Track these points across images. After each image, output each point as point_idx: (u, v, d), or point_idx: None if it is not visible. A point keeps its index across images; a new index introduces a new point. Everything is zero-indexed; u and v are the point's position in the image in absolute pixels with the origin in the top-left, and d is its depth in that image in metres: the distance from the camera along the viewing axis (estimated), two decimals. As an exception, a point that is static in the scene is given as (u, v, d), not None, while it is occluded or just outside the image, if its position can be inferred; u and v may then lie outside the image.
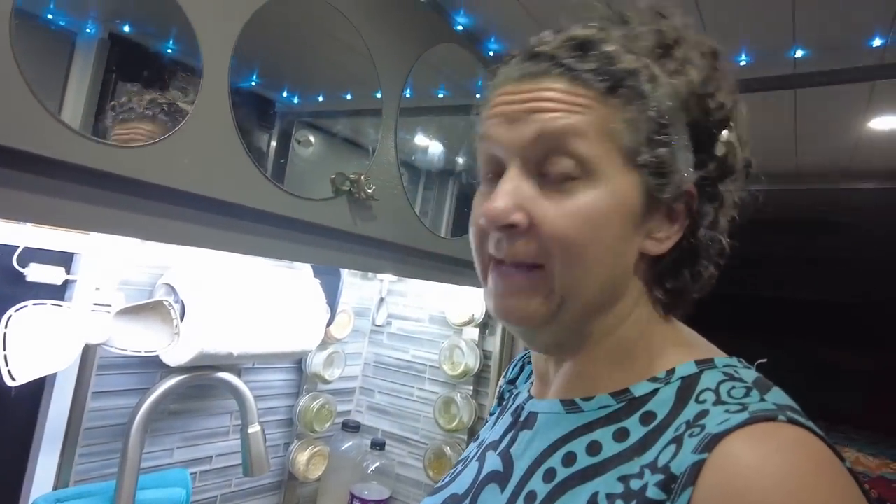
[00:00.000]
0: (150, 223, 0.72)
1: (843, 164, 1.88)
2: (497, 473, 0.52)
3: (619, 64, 0.45)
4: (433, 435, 1.51)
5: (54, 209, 0.63)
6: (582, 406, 0.49)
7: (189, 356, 1.05)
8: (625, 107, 0.45)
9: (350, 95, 1.11)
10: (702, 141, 0.49)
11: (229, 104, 0.76)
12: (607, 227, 0.46)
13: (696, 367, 0.47)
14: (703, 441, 0.38)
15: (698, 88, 0.48)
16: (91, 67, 0.71)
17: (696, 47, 0.50)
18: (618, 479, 0.43)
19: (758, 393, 0.42)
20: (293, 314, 1.21)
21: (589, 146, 0.45)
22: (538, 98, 0.46)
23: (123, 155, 0.66)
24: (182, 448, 1.27)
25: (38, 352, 0.83)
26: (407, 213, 1.11)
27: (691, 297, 0.52)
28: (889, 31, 1.07)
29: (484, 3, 1.18)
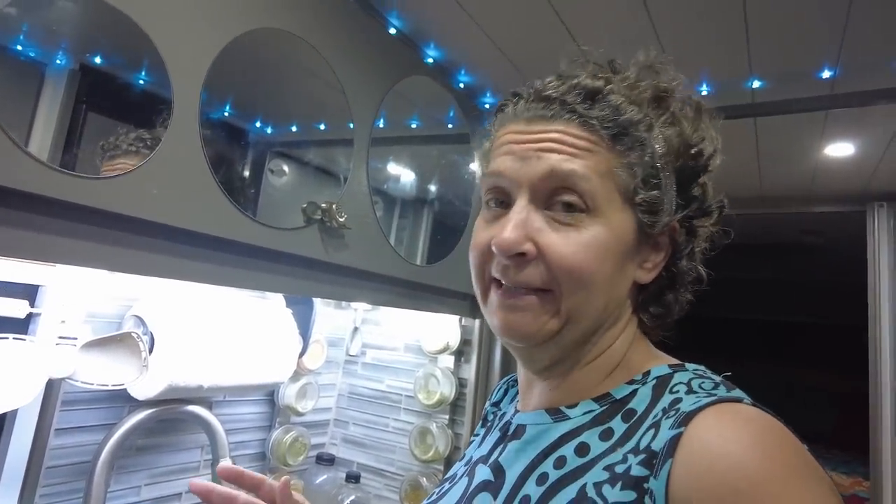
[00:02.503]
0: (118, 254, 0.71)
1: (805, 188, 1.95)
2: (488, 483, 0.54)
3: (625, 114, 0.51)
4: (409, 466, 1.49)
5: (20, 241, 0.62)
6: (568, 413, 0.53)
7: (158, 389, 1.02)
8: (626, 152, 0.51)
9: (323, 126, 1.12)
10: (683, 184, 0.54)
11: (199, 135, 0.76)
12: (608, 258, 0.50)
13: (669, 369, 0.52)
14: (678, 419, 0.43)
15: (687, 138, 0.54)
16: (61, 98, 0.72)
17: (685, 101, 0.56)
18: (604, 469, 0.46)
19: (724, 388, 0.48)
20: (265, 345, 1.20)
21: (593, 186, 0.50)
22: (550, 139, 0.51)
23: (91, 186, 0.66)
24: (150, 485, 1.23)
25: (1, 386, 0.80)
26: (380, 242, 1.11)
27: (672, 320, 0.58)
28: (836, 64, 1.12)
29: (454, 37, 1.21)
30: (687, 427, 0.42)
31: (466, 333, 1.50)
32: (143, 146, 0.73)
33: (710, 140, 0.56)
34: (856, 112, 1.30)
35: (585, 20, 1.08)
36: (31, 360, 0.84)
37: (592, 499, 0.45)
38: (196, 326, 1.08)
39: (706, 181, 0.57)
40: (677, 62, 1.22)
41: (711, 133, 0.56)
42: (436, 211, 1.39)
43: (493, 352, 1.49)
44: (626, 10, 1.04)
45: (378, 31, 1.12)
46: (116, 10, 0.68)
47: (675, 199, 0.54)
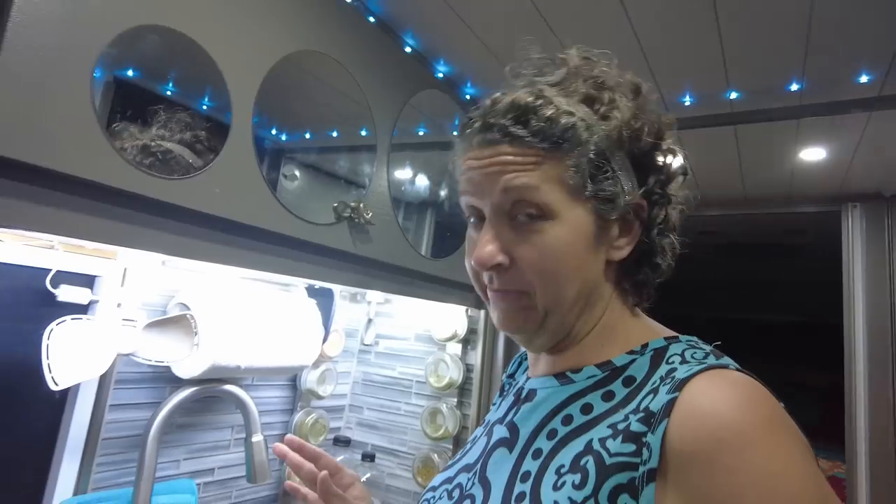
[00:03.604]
0: (183, 243, 0.84)
1: (784, 190, 2.09)
2: (505, 439, 0.61)
3: (558, 124, 0.55)
4: (420, 445, 1.62)
5: (104, 229, 0.75)
6: (573, 377, 0.59)
7: (202, 368, 1.15)
8: (568, 156, 0.55)
9: (336, 133, 1.25)
10: (641, 162, 0.59)
11: (252, 144, 0.90)
12: (571, 254, 0.56)
13: (664, 341, 0.58)
14: (674, 385, 0.49)
15: (627, 124, 0.57)
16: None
17: (620, 87, 0.59)
18: (607, 427, 0.52)
19: (713, 356, 0.54)
20: (293, 332, 1.33)
21: (544, 194, 0.55)
22: (496, 163, 0.56)
23: (166, 184, 0.79)
24: (188, 460, 1.35)
25: (76, 360, 0.93)
26: (398, 237, 1.25)
27: (653, 286, 0.63)
28: (802, 78, 1.27)
29: (461, 54, 1.35)
30: (681, 392, 0.48)
31: (472, 323, 1.63)
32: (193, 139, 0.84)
33: (653, 116, 0.59)
34: (825, 120, 1.44)
35: (581, 44, 1.21)
36: (102, 338, 0.97)
37: (598, 450, 0.51)
38: (234, 313, 1.20)
39: (667, 149, 0.61)
40: (663, 75, 1.36)
41: (654, 109, 0.60)
42: (444, 211, 1.52)
43: (496, 340, 1.62)
44: (625, 47, 1.18)
45: (395, 49, 1.26)
46: (188, 39, 0.81)
47: (634, 179, 0.58)
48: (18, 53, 0.63)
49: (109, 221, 0.75)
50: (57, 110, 0.66)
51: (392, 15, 1.20)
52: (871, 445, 1.88)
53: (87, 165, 0.69)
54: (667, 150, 0.62)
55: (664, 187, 0.61)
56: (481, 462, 0.62)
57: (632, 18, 1.13)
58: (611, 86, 0.59)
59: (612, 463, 0.49)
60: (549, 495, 0.51)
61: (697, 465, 0.45)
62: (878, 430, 1.88)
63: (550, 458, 0.55)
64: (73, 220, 0.71)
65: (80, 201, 0.71)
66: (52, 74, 0.66)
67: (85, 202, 0.72)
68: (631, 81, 0.60)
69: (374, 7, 1.17)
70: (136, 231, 0.78)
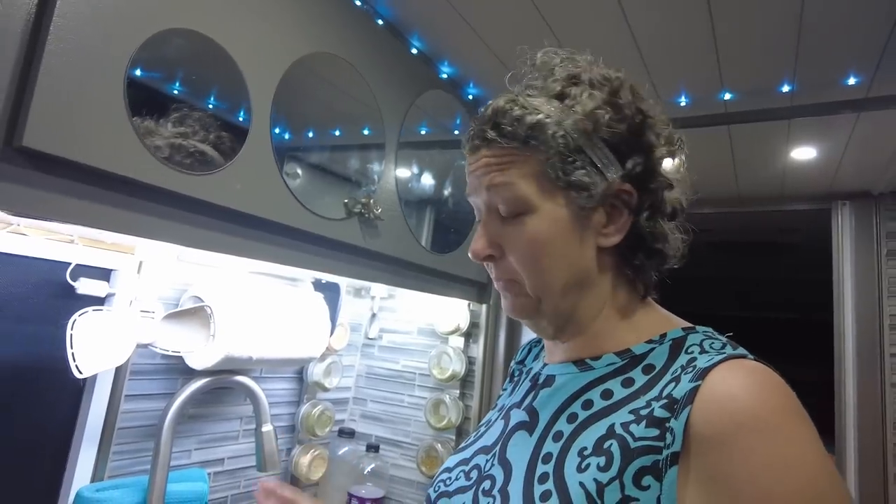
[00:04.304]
0: (204, 235, 0.88)
1: (777, 189, 2.15)
2: (524, 423, 0.63)
3: (524, 123, 0.59)
4: (423, 436, 1.66)
5: (140, 222, 0.79)
6: (592, 364, 0.62)
7: (216, 359, 1.19)
8: (541, 150, 0.59)
9: (347, 131, 1.29)
10: (620, 149, 0.60)
11: (271, 142, 0.94)
12: (551, 243, 0.59)
13: (682, 331, 0.60)
14: (696, 374, 0.51)
15: (592, 114, 0.59)
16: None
17: (595, 81, 0.62)
18: (629, 412, 0.54)
19: (730, 347, 0.56)
20: (301, 324, 1.37)
21: (521, 189, 0.59)
22: (480, 165, 0.62)
23: (192, 180, 0.83)
24: (199, 450, 1.39)
25: (98, 350, 0.97)
26: (405, 232, 1.29)
27: (653, 272, 0.64)
28: (793, 81, 1.32)
29: (465, 55, 1.39)
30: (704, 380, 0.50)
31: (474, 317, 1.67)
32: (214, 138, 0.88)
33: (628, 104, 0.61)
34: (815, 121, 1.49)
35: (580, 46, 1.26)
36: (124, 329, 1.01)
37: (621, 434, 0.53)
38: (246, 306, 1.24)
39: (651, 136, 0.62)
40: (660, 78, 1.41)
41: (629, 97, 0.61)
42: (447, 207, 1.56)
43: (498, 333, 1.67)
44: (623, 49, 1.22)
45: (403, 51, 1.30)
46: (212, 41, 0.85)
47: (616, 166, 0.60)
48: (59, 57, 0.66)
49: (138, 215, 0.79)
50: (93, 110, 0.70)
51: (400, 17, 1.25)
52: (859, 438, 1.94)
53: (121, 162, 0.73)
54: (654, 134, 0.63)
55: (649, 171, 0.62)
56: (500, 444, 0.64)
57: (630, 22, 1.17)
58: (584, 80, 0.62)
59: (637, 446, 0.51)
60: (574, 476, 0.54)
61: (717, 447, 0.48)
62: (866, 423, 1.94)
63: (572, 440, 0.57)
64: (104, 212, 0.75)
65: (112, 195, 0.75)
66: (90, 76, 0.70)
67: (117, 196, 0.76)
68: (607, 74, 0.63)
69: (383, 10, 1.22)
70: (164, 224, 0.82)
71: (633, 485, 0.50)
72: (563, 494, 0.53)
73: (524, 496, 0.56)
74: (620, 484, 0.51)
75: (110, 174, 0.72)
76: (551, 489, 0.54)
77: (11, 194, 0.65)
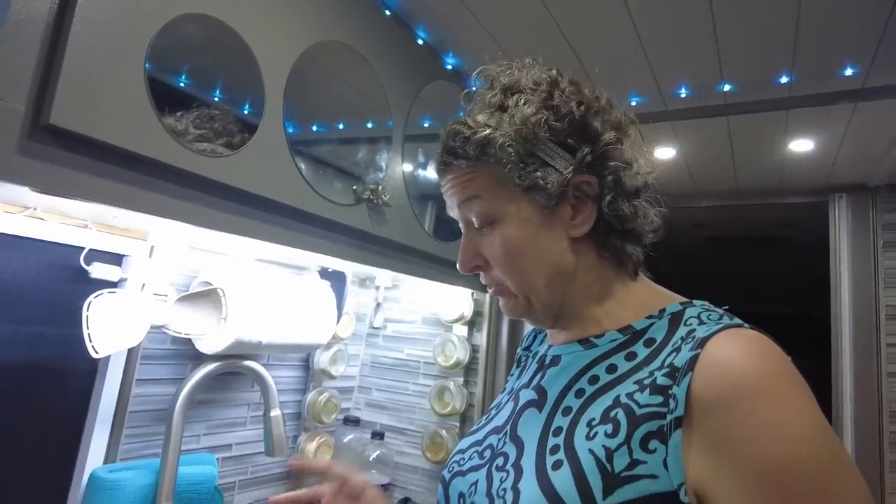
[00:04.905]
0: (218, 216, 0.90)
1: (775, 181, 2.17)
2: (533, 401, 0.66)
3: (471, 141, 0.63)
4: (428, 423, 1.68)
5: (158, 202, 0.81)
6: (595, 342, 0.64)
7: (226, 343, 1.21)
8: (493, 161, 0.62)
9: (355, 119, 1.31)
10: (567, 143, 0.63)
11: (283, 127, 0.96)
12: (524, 245, 0.63)
13: (679, 306, 0.63)
14: (696, 343, 0.54)
15: (535, 119, 0.62)
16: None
17: (525, 88, 0.64)
18: (633, 383, 0.57)
19: (727, 317, 0.59)
20: (309, 311, 1.39)
21: (486, 201, 0.64)
22: (449, 187, 0.67)
23: (211, 162, 0.85)
24: (207, 435, 1.41)
25: (114, 331, 0.99)
26: (411, 219, 1.31)
27: (630, 250, 0.66)
28: (791, 72, 1.34)
29: (470, 46, 1.41)
30: (703, 348, 0.53)
31: (478, 306, 1.70)
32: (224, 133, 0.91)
33: (567, 101, 0.63)
34: (812, 112, 1.52)
35: (584, 38, 1.29)
36: (138, 311, 1.03)
37: (627, 403, 0.55)
38: (255, 291, 1.26)
39: (595, 122, 0.64)
40: (661, 69, 1.43)
41: (568, 93, 0.64)
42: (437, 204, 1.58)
43: (501, 322, 1.69)
44: (626, 41, 1.25)
45: (409, 41, 1.32)
46: (226, 26, 0.87)
47: (566, 160, 0.62)
48: (83, 39, 0.69)
49: (157, 194, 0.81)
50: (115, 91, 0.72)
51: (406, 8, 1.27)
52: (856, 428, 1.97)
53: (141, 141, 0.75)
54: (599, 121, 0.65)
55: (600, 157, 0.64)
56: (511, 423, 0.67)
57: (632, 13, 1.20)
58: (520, 88, 0.65)
59: (642, 413, 0.54)
60: (583, 444, 0.56)
61: (718, 411, 0.50)
62: (863, 412, 1.97)
63: (580, 413, 0.59)
64: (124, 191, 0.77)
65: (132, 175, 0.77)
66: (112, 58, 0.72)
67: (137, 176, 0.78)
68: (538, 77, 0.66)
69: (391, 0, 1.24)
70: (180, 204, 0.84)
71: (641, 449, 0.53)
72: (574, 462, 0.55)
73: (537, 468, 0.58)
74: (628, 448, 0.53)
75: (131, 153, 0.75)
76: (562, 458, 0.57)
77: (38, 171, 0.67)
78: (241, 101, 0.93)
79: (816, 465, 0.48)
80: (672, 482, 0.51)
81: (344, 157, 1.17)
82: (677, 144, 1.88)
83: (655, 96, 1.55)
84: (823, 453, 0.49)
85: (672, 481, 0.51)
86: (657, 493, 0.51)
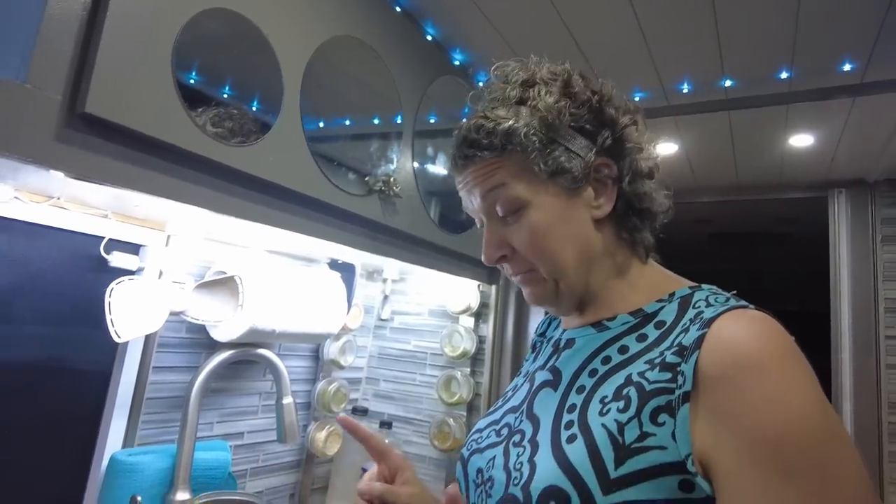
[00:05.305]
0: (238, 204, 0.93)
1: (775, 176, 2.21)
2: (548, 381, 0.68)
3: (497, 133, 0.65)
4: (435, 412, 1.71)
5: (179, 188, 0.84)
6: (608, 325, 0.67)
7: (241, 331, 1.24)
8: (518, 151, 0.65)
9: (359, 112, 1.35)
10: (586, 129, 0.67)
11: (300, 119, 0.99)
12: (553, 229, 0.65)
13: (689, 289, 0.66)
14: (703, 323, 0.57)
15: (558, 106, 0.65)
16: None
17: (543, 80, 0.68)
18: (644, 363, 0.60)
19: (734, 300, 0.62)
20: (320, 301, 1.42)
21: (512, 189, 0.65)
22: (471, 179, 0.68)
23: (233, 151, 0.88)
24: (220, 423, 1.44)
25: (135, 316, 1.02)
26: (421, 211, 1.35)
27: (648, 231, 0.70)
28: (791, 67, 1.38)
29: (477, 42, 1.45)
30: (710, 328, 0.55)
31: (484, 297, 1.73)
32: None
33: (583, 91, 0.67)
34: (812, 107, 1.55)
35: (589, 34, 1.32)
36: (158, 297, 1.06)
37: (638, 381, 0.58)
38: (268, 281, 1.30)
39: (610, 110, 0.68)
40: (664, 65, 1.46)
41: (583, 85, 0.68)
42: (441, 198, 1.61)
43: (507, 314, 1.73)
44: (630, 38, 1.28)
45: (418, 37, 1.36)
46: (246, 20, 0.90)
47: (587, 144, 0.66)
48: (116, 34, 0.72)
49: (182, 182, 0.84)
50: (145, 82, 0.76)
51: (415, 4, 1.30)
52: (856, 419, 2.00)
53: (168, 130, 0.79)
54: (613, 108, 0.69)
55: (618, 141, 0.68)
56: (527, 402, 0.69)
57: (637, 11, 1.23)
58: (537, 81, 0.68)
59: (652, 389, 0.57)
60: (596, 420, 0.59)
61: (722, 385, 0.53)
62: (862, 404, 2.00)
63: (593, 391, 0.62)
64: (151, 177, 0.80)
65: (159, 162, 0.81)
66: (142, 50, 0.75)
67: (163, 163, 0.81)
68: (554, 70, 0.69)
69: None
70: (202, 191, 0.87)
71: (650, 422, 0.56)
72: (587, 436, 0.58)
73: (552, 442, 0.61)
74: (639, 422, 0.56)
75: (159, 141, 0.78)
76: (577, 433, 0.60)
77: (73, 157, 0.70)
78: (259, 95, 0.97)
79: (813, 439, 0.50)
80: (680, 453, 0.54)
81: (356, 150, 1.21)
82: (679, 140, 1.92)
83: (658, 92, 1.58)
84: (821, 429, 0.51)
85: (680, 452, 0.54)
86: (666, 463, 0.54)
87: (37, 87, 0.66)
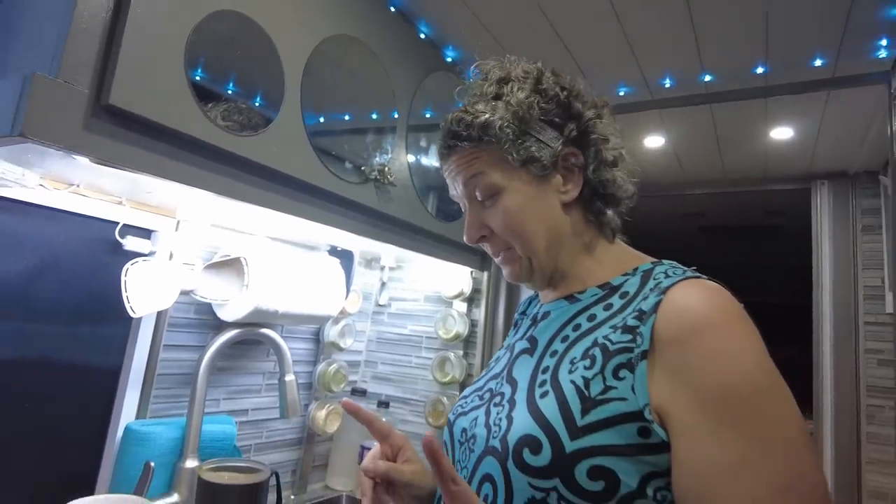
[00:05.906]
0: (242, 189, 1.02)
1: (760, 169, 2.28)
2: (526, 349, 0.76)
3: (474, 125, 0.72)
4: (429, 392, 1.80)
5: (191, 174, 0.92)
6: (579, 297, 0.75)
7: (246, 311, 1.32)
8: (492, 143, 0.72)
9: (356, 106, 1.43)
10: (554, 122, 0.74)
11: (301, 112, 1.07)
12: (525, 210, 0.72)
13: (650, 264, 0.73)
14: (659, 290, 0.64)
15: (528, 101, 0.72)
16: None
17: (517, 78, 0.75)
18: (609, 327, 0.67)
19: (690, 272, 0.68)
20: (321, 284, 1.51)
21: (489, 176, 0.72)
22: (453, 169, 0.76)
23: (237, 140, 0.97)
24: (226, 399, 1.53)
25: (149, 294, 1.11)
26: (414, 199, 1.43)
27: (613, 213, 0.77)
28: (766, 62, 1.45)
29: (468, 40, 1.53)
30: (665, 294, 0.63)
31: (476, 283, 1.82)
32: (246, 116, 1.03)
33: (552, 87, 0.74)
34: (789, 100, 1.63)
35: (574, 32, 1.40)
36: (170, 277, 1.14)
37: (603, 343, 0.65)
38: (272, 264, 1.38)
39: (577, 104, 0.74)
40: (647, 61, 1.54)
41: (553, 82, 0.74)
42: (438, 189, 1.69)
43: (498, 298, 1.81)
44: (612, 36, 1.36)
45: (412, 35, 1.44)
46: (251, 20, 0.99)
47: (556, 135, 0.73)
48: (136, 34, 0.80)
49: (195, 168, 0.93)
50: (161, 77, 0.84)
51: (409, 3, 1.38)
52: (836, 402, 2.08)
53: (182, 121, 0.87)
54: (580, 103, 0.75)
55: (584, 132, 0.75)
56: (507, 369, 0.77)
57: (616, 9, 1.31)
58: (511, 78, 0.75)
59: (614, 349, 0.64)
60: (566, 377, 0.66)
61: (674, 346, 0.60)
62: (842, 387, 2.08)
63: (564, 354, 0.69)
64: (166, 164, 0.88)
65: (174, 150, 0.89)
66: (160, 47, 0.84)
67: (179, 152, 0.90)
68: (527, 68, 0.76)
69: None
70: (212, 177, 0.96)
71: (613, 377, 0.64)
72: (558, 391, 0.66)
73: (527, 400, 0.69)
74: (602, 377, 0.64)
75: (174, 131, 0.86)
76: (549, 389, 0.67)
77: (99, 144, 0.78)
78: (263, 90, 1.05)
79: (754, 390, 0.57)
80: (638, 403, 0.61)
81: (353, 141, 1.29)
82: (665, 133, 2.00)
83: (642, 86, 1.66)
84: (762, 381, 0.59)
85: (638, 402, 0.61)
86: (626, 413, 0.62)
87: (67, 82, 0.75)
